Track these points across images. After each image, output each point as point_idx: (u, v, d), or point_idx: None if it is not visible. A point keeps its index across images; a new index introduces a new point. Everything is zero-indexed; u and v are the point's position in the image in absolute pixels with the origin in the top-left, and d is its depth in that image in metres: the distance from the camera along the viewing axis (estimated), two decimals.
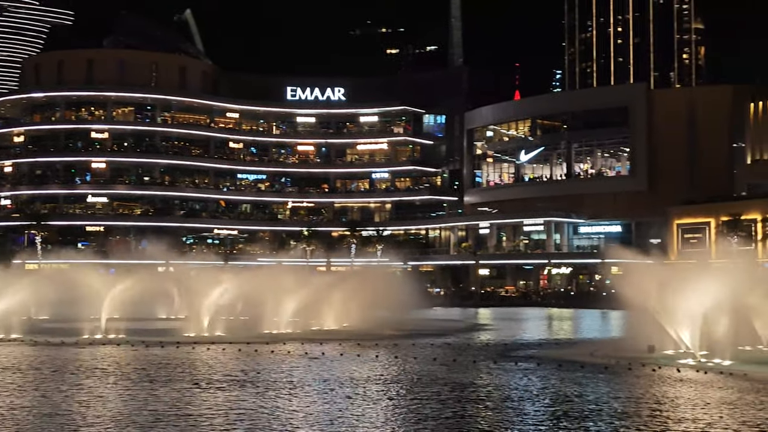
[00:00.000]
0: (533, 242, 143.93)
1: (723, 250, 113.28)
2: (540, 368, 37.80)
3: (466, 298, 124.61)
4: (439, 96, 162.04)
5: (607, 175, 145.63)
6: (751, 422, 24.07)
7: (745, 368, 36.37)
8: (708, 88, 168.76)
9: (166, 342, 49.20)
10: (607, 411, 26.29)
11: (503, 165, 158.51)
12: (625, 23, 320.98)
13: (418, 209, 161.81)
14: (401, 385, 32.07)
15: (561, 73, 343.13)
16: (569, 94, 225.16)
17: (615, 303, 63.57)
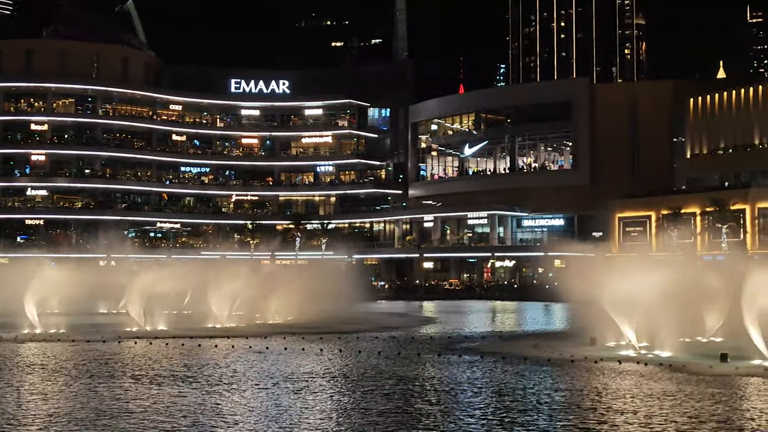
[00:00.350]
0: (477, 235, 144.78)
1: (663, 244, 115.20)
2: (483, 361, 38.02)
3: (411, 291, 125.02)
4: (383, 89, 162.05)
5: (550, 168, 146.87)
6: (690, 413, 24.43)
7: (685, 359, 36.93)
8: (649, 83, 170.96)
9: (107, 337, 48.61)
10: (549, 403, 26.51)
11: (447, 158, 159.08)
12: (568, 18, 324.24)
13: (363, 202, 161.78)
14: (346, 379, 32.06)
15: (505, 67, 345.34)
16: (513, 89, 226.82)
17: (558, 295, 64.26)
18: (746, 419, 23.57)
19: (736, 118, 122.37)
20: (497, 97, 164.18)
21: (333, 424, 23.14)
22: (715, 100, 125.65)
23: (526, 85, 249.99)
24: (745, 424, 22.73)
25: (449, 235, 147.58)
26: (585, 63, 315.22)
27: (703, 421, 23.21)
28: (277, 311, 64.27)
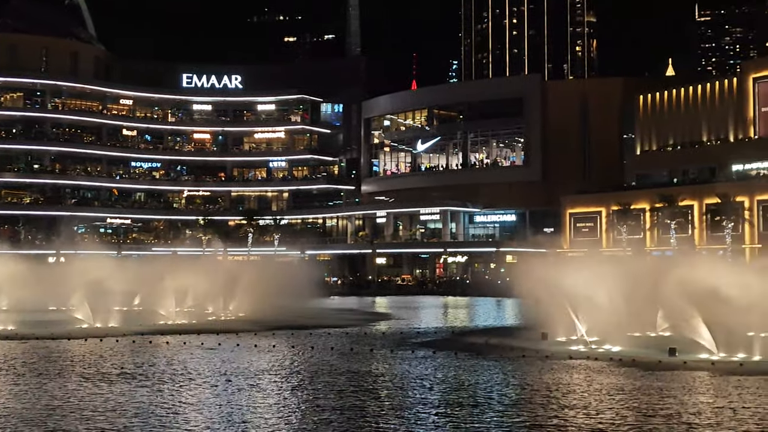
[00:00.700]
0: (429, 231, 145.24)
1: (613, 239, 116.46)
2: (436, 356, 38.17)
3: (363, 287, 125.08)
4: (336, 85, 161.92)
5: (502, 165, 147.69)
6: (639, 408, 24.73)
7: (635, 354, 37.36)
8: (599, 81, 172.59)
9: (57, 334, 48.00)
10: (500, 399, 26.68)
11: (400, 154, 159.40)
12: (520, 15, 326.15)
13: (316, 198, 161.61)
14: (298, 376, 32.01)
15: (457, 64, 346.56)
16: (465, 85, 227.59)
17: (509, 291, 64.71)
18: (694, 413, 23.91)
19: (684, 116, 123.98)
20: (450, 94, 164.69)
21: (285, 422, 23.09)
22: (664, 98, 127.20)
23: (478, 82, 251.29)
24: (693, 419, 23.05)
25: (402, 230, 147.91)
26: (537, 60, 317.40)
27: (651, 415, 23.52)
28: (230, 307, 63.97)
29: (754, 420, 22.91)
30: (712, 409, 24.59)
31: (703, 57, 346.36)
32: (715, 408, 24.71)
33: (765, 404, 25.29)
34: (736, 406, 24.85)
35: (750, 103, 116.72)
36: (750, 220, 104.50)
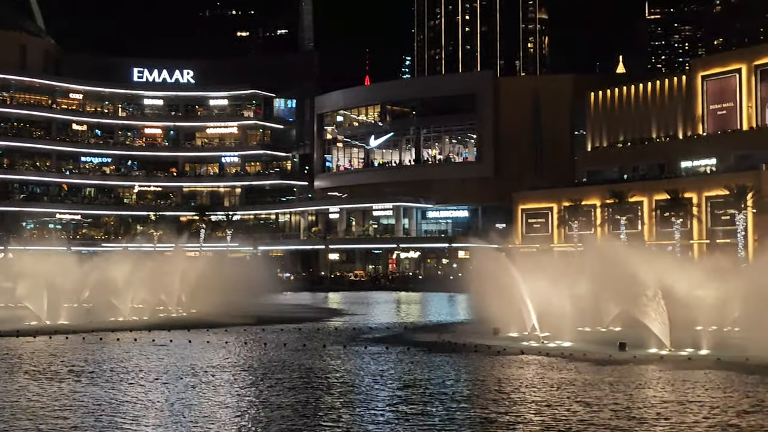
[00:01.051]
0: (382, 227, 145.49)
1: (565, 235, 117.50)
2: (388, 352, 38.23)
3: (316, 283, 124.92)
4: (289, 80, 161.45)
5: (454, 161, 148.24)
6: (589, 402, 24.95)
7: (585, 349, 37.75)
8: (551, 77, 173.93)
9: (4, 331, 47.32)
10: (451, 394, 26.77)
11: (353, 150, 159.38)
12: (473, 12, 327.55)
13: (269, 193, 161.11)
14: (250, 373, 31.89)
15: (410, 59, 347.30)
16: (418, 81, 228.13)
17: (462, 286, 65.02)
18: (643, 408, 24.19)
19: (634, 113, 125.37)
20: (403, 89, 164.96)
21: (237, 419, 22.99)
22: (614, 95, 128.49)
23: (431, 78, 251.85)
24: (644, 413, 23.31)
25: (355, 226, 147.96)
26: (489, 56, 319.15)
27: (600, 410, 23.73)
28: (181, 304, 63.58)
29: (703, 413, 23.24)
30: (661, 403, 24.90)
31: (653, 55, 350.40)
32: (664, 402, 25.02)
33: (712, 398, 25.68)
34: (684, 400, 25.19)
35: (699, 100, 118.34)
36: (698, 216, 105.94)
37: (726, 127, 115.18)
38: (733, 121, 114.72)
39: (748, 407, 23.94)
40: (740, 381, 28.93)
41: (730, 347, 36.71)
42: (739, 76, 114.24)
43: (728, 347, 36.71)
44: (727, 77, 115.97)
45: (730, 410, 23.57)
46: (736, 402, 24.80)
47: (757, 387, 27.65)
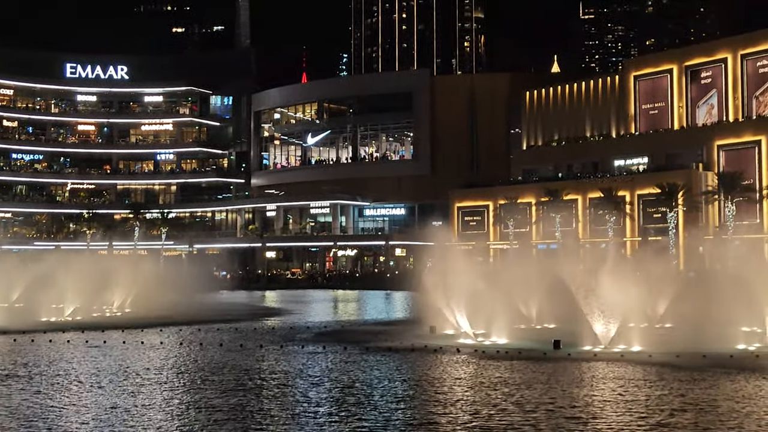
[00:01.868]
0: (319, 225, 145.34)
1: (500, 233, 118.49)
2: (325, 351, 38.17)
3: (253, 281, 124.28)
4: (226, 77, 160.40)
5: (391, 159, 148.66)
6: (523, 401, 25.15)
7: (521, 346, 38.10)
8: (487, 76, 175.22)
9: None
10: (388, 395, 26.80)
11: (290, 147, 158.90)
12: (410, 10, 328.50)
13: (205, 191, 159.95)
14: (186, 374, 31.57)
15: (347, 57, 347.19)
16: (355, 79, 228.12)
17: (398, 284, 65.43)
18: (578, 407, 24.42)
19: (569, 112, 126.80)
20: (340, 87, 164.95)
21: (170, 422, 22.76)
22: (549, 94, 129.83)
23: (368, 76, 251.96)
24: (579, 413, 23.50)
25: (292, 224, 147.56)
26: (426, 55, 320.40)
27: (535, 410, 23.91)
28: (116, 303, 62.81)
29: (637, 410, 23.54)
30: (596, 401, 25.17)
31: (587, 54, 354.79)
32: (599, 401, 25.29)
33: (646, 395, 26.05)
34: (619, 399, 25.48)
35: (631, 100, 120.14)
36: (631, 214, 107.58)
37: (658, 126, 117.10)
38: (664, 121, 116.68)
39: (682, 405, 24.28)
40: (672, 378, 29.36)
41: (661, 344, 37.33)
42: (670, 77, 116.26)
43: (659, 344, 37.32)
44: (658, 77, 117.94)
45: (664, 408, 23.88)
46: (670, 400, 25.12)
47: (688, 384, 28.09)
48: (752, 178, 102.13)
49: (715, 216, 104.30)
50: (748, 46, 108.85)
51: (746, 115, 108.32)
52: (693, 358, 33.91)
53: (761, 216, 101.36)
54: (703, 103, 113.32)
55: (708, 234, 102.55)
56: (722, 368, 31.69)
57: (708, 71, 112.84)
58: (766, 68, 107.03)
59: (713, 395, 25.90)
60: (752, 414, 23.09)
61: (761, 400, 25.18)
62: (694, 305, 44.16)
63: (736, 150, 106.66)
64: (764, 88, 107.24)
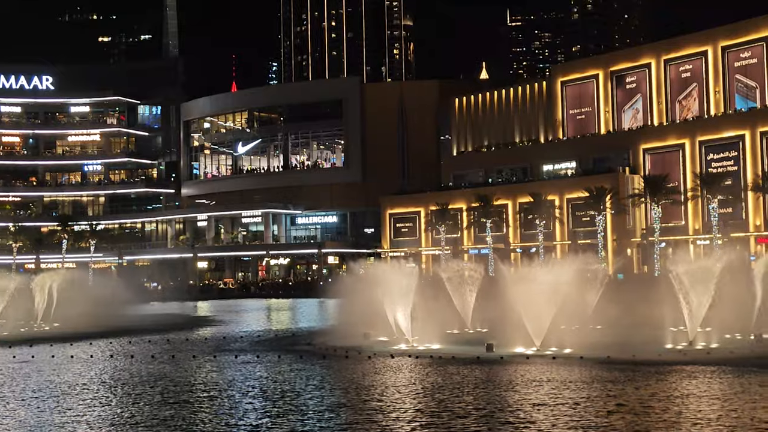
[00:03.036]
0: (251, 234, 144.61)
1: (432, 239, 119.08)
2: (259, 360, 37.96)
3: (185, 292, 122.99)
4: (154, 86, 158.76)
5: (322, 166, 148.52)
6: (456, 407, 25.23)
7: (454, 351, 38.33)
8: (416, 83, 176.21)
9: None
10: (321, 402, 26.68)
11: (221, 157, 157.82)
12: (339, 18, 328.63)
13: (134, 202, 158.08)
14: (116, 387, 31.07)
15: (277, 66, 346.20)
16: (285, 87, 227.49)
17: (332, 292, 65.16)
18: (511, 411, 24.57)
19: (498, 118, 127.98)
20: (270, 96, 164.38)
21: None
22: (478, 100, 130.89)
23: (298, 84, 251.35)
24: (511, 418, 23.60)
25: (223, 234, 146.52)
26: (355, 62, 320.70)
27: (467, 415, 23.96)
28: (44, 317, 61.68)
29: (570, 412, 23.74)
30: (528, 405, 25.34)
31: (514, 61, 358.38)
32: (532, 404, 25.42)
33: (579, 397, 26.26)
34: (551, 402, 25.60)
35: (558, 105, 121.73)
36: (560, 218, 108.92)
37: (585, 131, 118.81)
38: (591, 126, 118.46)
39: (613, 407, 24.50)
40: (603, 379, 29.75)
41: (592, 346, 37.85)
42: (596, 82, 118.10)
43: (590, 346, 37.85)
44: (585, 83, 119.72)
45: (596, 410, 24.13)
46: (603, 401, 25.36)
47: (619, 385, 28.49)
48: (677, 181, 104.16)
49: (642, 218, 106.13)
50: (671, 52, 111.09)
51: (670, 119, 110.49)
52: (623, 359, 34.44)
53: (686, 218, 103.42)
54: (628, 107, 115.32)
55: (635, 236, 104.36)
56: (652, 368, 32.25)
57: (633, 76, 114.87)
58: (688, 73, 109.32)
59: (645, 395, 26.29)
60: (684, 413, 23.49)
61: (692, 399, 25.66)
62: (623, 307, 44.93)
63: (661, 153, 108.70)
64: (687, 92, 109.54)
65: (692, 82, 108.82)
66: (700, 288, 39.57)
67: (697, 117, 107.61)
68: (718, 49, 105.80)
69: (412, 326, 42.26)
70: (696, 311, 39.78)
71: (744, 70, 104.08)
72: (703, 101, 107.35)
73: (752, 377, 29.59)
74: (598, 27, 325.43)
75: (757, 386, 27.65)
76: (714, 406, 24.30)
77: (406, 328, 42.31)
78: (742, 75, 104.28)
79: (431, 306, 42.31)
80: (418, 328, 42.29)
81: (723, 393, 26.51)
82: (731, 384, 28.28)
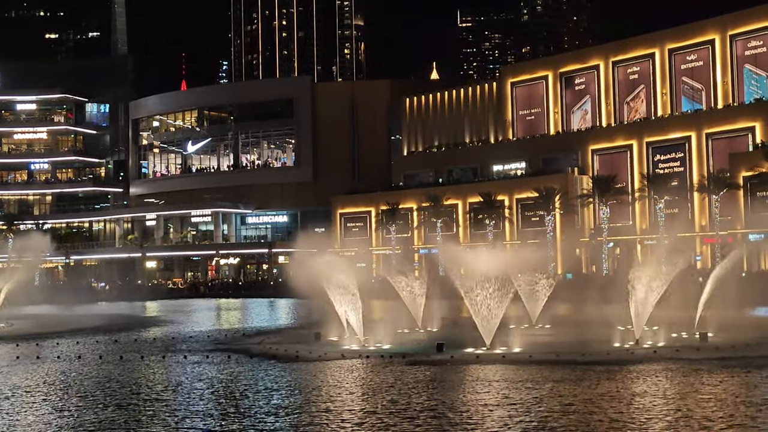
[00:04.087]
0: (201, 233, 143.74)
1: (383, 238, 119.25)
2: (208, 361, 37.72)
3: (133, 292, 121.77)
4: (102, 84, 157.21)
5: (273, 166, 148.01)
6: (405, 407, 25.29)
7: (405, 350, 38.40)
8: (367, 83, 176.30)
9: None
10: (270, 403, 26.56)
11: (170, 156, 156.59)
12: (290, 17, 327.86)
13: (82, 201, 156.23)
14: (62, 389, 30.63)
15: (227, 64, 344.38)
16: (236, 86, 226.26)
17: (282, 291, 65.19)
18: (461, 411, 24.66)
19: (448, 118, 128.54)
20: (220, 94, 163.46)
21: None
22: (429, 101, 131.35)
23: (249, 83, 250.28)
24: (460, 418, 23.73)
25: (173, 233, 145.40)
26: (306, 62, 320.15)
27: (416, 416, 23.96)
28: None
29: (520, 412, 23.90)
30: (478, 405, 25.38)
31: (465, 61, 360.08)
32: (481, 404, 25.49)
33: (528, 396, 26.42)
34: (500, 402, 25.71)
35: (508, 106, 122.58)
36: (510, 218, 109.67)
37: (534, 131, 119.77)
38: (540, 126, 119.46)
39: (560, 406, 24.64)
40: (552, 378, 29.98)
41: (540, 345, 38.14)
42: (545, 83, 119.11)
43: (539, 345, 38.12)
44: (534, 84, 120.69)
45: (543, 410, 24.30)
46: (549, 402, 25.47)
47: (567, 385, 28.71)
48: (625, 181, 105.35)
49: (591, 218, 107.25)
50: (619, 54, 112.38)
51: (618, 120, 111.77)
52: (572, 358, 34.76)
53: (633, 218, 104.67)
54: (577, 108, 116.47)
55: (584, 236, 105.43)
56: (601, 367, 32.59)
57: (581, 78, 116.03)
58: (636, 75, 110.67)
59: (594, 394, 26.50)
60: (635, 412, 23.75)
61: (640, 399, 25.96)
62: (572, 306, 45.40)
63: (609, 154, 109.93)
64: (635, 94, 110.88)
65: (640, 84, 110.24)
66: (645, 287, 40.15)
67: (644, 118, 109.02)
68: (665, 51, 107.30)
69: (364, 326, 42.30)
70: (641, 310, 40.32)
71: (690, 72, 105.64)
72: (651, 103, 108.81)
73: (699, 376, 30.02)
74: (548, 29, 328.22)
75: (702, 385, 28.07)
76: (661, 405, 24.59)
77: (357, 328, 42.33)
78: (688, 77, 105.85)
79: (382, 306, 42.35)
80: (369, 327, 42.31)
81: (669, 392, 26.85)
82: (678, 383, 28.66)
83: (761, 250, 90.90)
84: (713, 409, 23.54)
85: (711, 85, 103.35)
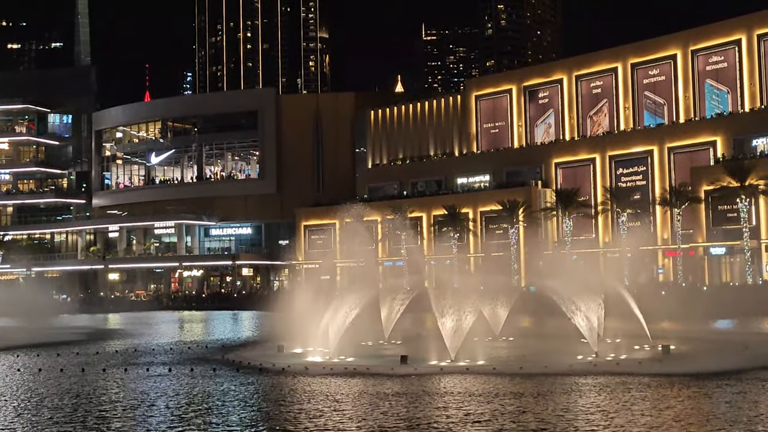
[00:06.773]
0: (164, 245, 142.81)
1: (347, 251, 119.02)
2: (172, 374, 37.42)
3: (95, 304, 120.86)
4: (65, 95, 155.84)
5: (237, 178, 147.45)
6: (367, 419, 25.27)
7: (369, 363, 38.33)
8: (332, 95, 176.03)
9: None
10: (233, 416, 26.47)
11: (134, 167, 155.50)
12: (255, 29, 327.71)
13: (43, 212, 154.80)
14: (20, 403, 30.26)
15: (191, 76, 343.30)
16: (200, 97, 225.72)
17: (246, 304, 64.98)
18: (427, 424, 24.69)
19: (413, 131, 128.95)
20: (184, 106, 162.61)
21: None
22: (393, 113, 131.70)
23: (213, 94, 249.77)
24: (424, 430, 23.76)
25: (135, 245, 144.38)
26: (271, 74, 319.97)
27: (378, 429, 23.97)
28: None
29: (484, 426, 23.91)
30: (442, 417, 25.46)
31: (429, 74, 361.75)
32: (446, 416, 25.56)
33: (493, 410, 26.47)
34: (464, 417, 25.70)
35: (473, 119, 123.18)
36: (474, 231, 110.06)
37: (498, 145, 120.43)
38: (504, 139, 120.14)
39: (524, 420, 24.69)
40: (516, 391, 30.03)
41: (504, 358, 38.22)
42: (509, 97, 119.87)
43: (503, 358, 38.20)
44: (498, 97, 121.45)
45: (506, 422, 24.39)
46: (513, 414, 25.46)
47: (530, 397, 28.76)
48: (587, 195, 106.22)
49: (554, 231, 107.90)
50: (582, 68, 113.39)
51: (581, 133, 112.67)
52: (536, 370, 34.87)
53: (596, 231, 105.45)
54: (541, 122, 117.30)
55: (547, 249, 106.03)
56: (564, 378, 32.71)
57: (545, 92, 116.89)
58: (599, 89, 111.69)
59: (558, 408, 26.57)
60: (597, 424, 23.85)
61: (603, 412, 26.07)
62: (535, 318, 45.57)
63: (573, 167, 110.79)
64: (598, 108, 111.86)
65: (603, 98, 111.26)
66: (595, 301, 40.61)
67: (607, 132, 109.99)
68: (628, 66, 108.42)
69: (328, 339, 42.17)
70: (593, 323, 40.53)
71: (652, 86, 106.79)
72: (614, 117, 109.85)
73: (661, 389, 30.22)
74: (512, 43, 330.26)
75: (664, 396, 28.27)
76: (626, 417, 24.71)
77: (321, 341, 42.21)
78: (650, 92, 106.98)
79: (348, 318, 42.24)
80: (333, 340, 42.18)
81: (631, 404, 26.99)
82: (641, 395, 28.82)
83: (722, 263, 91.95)
84: (669, 421, 23.71)
85: (673, 99, 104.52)
